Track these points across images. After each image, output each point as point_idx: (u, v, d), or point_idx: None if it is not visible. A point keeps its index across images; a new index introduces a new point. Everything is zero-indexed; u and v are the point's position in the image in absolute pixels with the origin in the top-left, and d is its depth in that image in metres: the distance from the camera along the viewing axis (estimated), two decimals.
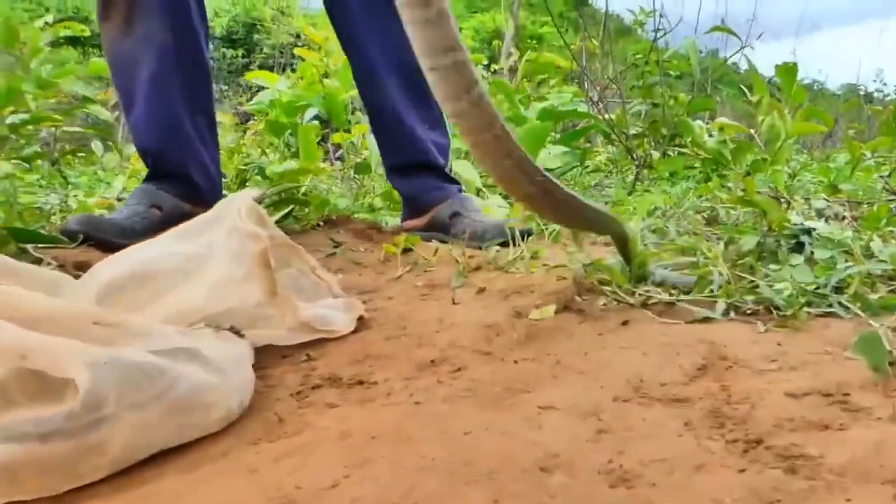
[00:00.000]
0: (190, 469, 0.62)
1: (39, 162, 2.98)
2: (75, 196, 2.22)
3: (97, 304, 0.86)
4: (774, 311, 0.89)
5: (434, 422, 0.67)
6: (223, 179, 2.28)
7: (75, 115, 3.29)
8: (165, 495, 0.57)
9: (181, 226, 1.04)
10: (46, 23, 3.15)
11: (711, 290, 0.96)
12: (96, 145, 3.68)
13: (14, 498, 0.57)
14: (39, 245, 1.31)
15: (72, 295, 0.88)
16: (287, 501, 0.54)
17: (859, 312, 0.84)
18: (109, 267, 0.94)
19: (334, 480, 0.57)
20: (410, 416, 0.69)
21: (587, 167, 3.40)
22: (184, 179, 1.56)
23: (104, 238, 1.34)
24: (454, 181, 1.77)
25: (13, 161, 2.90)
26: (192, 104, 1.55)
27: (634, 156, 2.99)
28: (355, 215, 2.03)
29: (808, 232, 1.17)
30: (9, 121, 2.61)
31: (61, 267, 1.21)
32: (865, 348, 0.64)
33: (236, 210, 1.02)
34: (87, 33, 3.14)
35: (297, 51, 2.85)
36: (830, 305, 0.88)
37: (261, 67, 8.47)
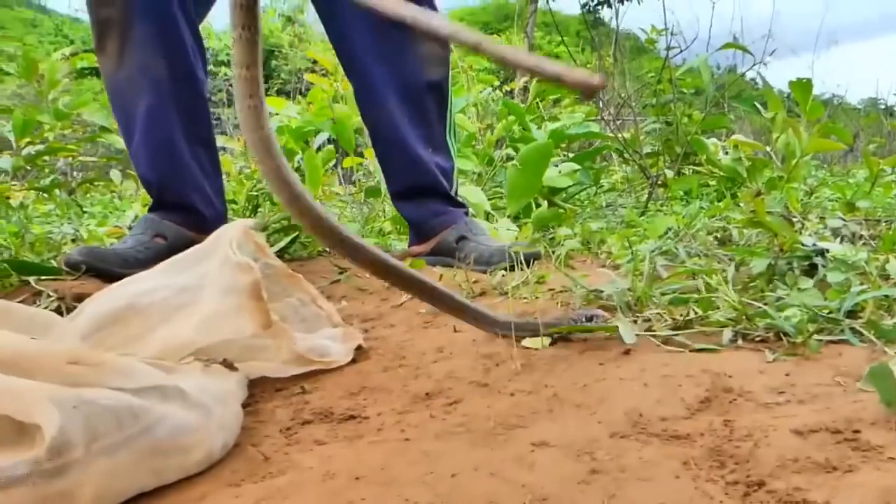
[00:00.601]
0: None
1: (57, 192, 3.02)
2: (87, 226, 2.23)
3: (84, 340, 0.85)
4: (784, 339, 0.85)
5: (422, 461, 0.64)
6: (235, 205, 2.28)
7: (97, 143, 3.34)
8: None
9: (174, 257, 1.02)
10: (64, 55, 3.20)
11: (718, 318, 0.92)
12: (115, 174, 3.73)
13: None
14: (42, 277, 1.31)
15: (61, 334, 0.86)
16: None
17: (874, 339, 0.80)
18: (99, 302, 0.93)
19: None
20: (398, 454, 0.66)
21: (602, 186, 3.36)
22: (187, 209, 1.56)
23: (106, 268, 1.33)
24: (460, 204, 1.75)
25: (31, 191, 2.94)
26: (191, 135, 1.55)
27: (648, 174, 2.95)
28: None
29: (822, 253, 1.13)
30: (25, 152, 2.65)
31: (61, 299, 1.21)
32: (877, 381, 0.60)
33: (228, 241, 1.01)
34: None
35: (307, 77, 2.87)
36: (843, 331, 0.84)
37: (278, 93, 8.56)
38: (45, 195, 2.95)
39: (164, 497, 0.63)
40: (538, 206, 2.27)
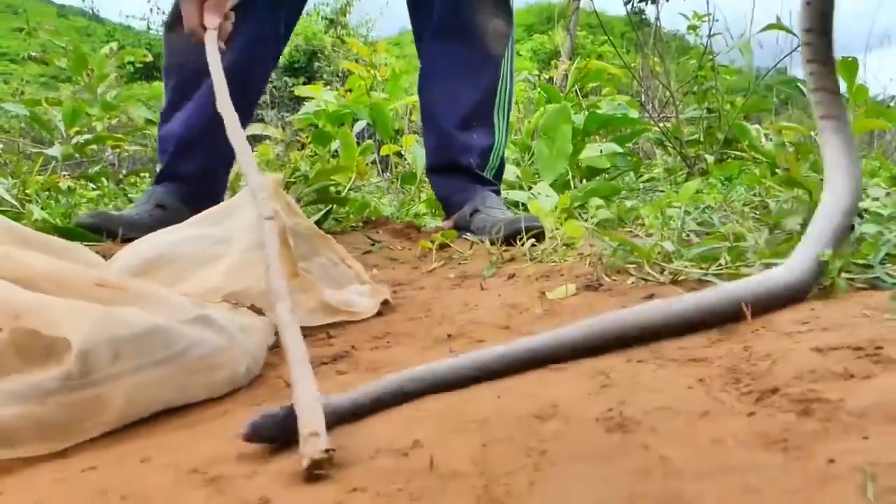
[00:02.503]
0: (187, 426, 0.62)
1: (104, 180, 3.12)
2: None
3: None
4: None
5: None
6: None
7: (147, 137, 3.45)
8: (158, 449, 0.56)
9: (208, 210, 1.05)
10: (112, 49, 3.31)
11: (747, 270, 0.91)
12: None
13: (15, 456, 0.58)
14: (85, 243, 1.36)
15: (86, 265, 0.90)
16: (269, 448, 0.52)
17: None
18: (134, 251, 0.97)
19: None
20: None
21: (641, 175, 3.32)
22: (191, 185, 1.61)
23: (114, 230, 1.41)
24: (490, 182, 1.75)
25: (80, 180, 3.04)
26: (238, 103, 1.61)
27: (688, 161, 2.90)
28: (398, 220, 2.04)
29: (860, 214, 1.10)
30: (74, 140, 2.74)
31: (104, 257, 1.25)
32: None
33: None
34: (149, 58, 3.29)
35: (344, 64, 2.91)
36: (877, 278, 0.82)
37: None
38: (93, 184, 3.05)
39: (190, 413, 0.65)
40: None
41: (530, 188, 2.08)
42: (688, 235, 1.25)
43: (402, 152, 2.94)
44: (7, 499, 0.50)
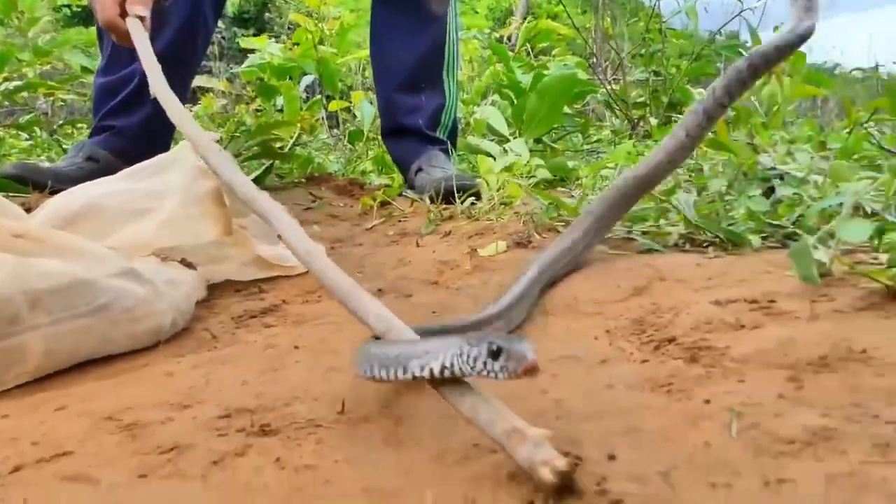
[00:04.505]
0: (109, 376, 0.62)
1: (37, 130, 3.00)
2: None
3: None
4: (729, 244, 0.87)
5: (362, 336, 0.66)
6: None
7: (84, 85, 3.31)
8: (75, 398, 0.57)
9: (139, 164, 1.03)
10: None
11: (670, 230, 0.94)
12: None
13: None
14: (9, 193, 1.32)
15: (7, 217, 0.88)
16: (189, 396, 0.53)
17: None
18: (61, 200, 0.95)
19: (245, 380, 0.56)
20: (339, 331, 0.69)
21: (589, 137, 3.36)
22: (129, 140, 1.56)
23: (40, 181, 1.37)
24: (439, 141, 1.76)
25: (9, 129, 2.92)
26: (179, 78, 1.58)
27: (633, 123, 2.95)
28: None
29: (782, 177, 1.14)
30: (2, 87, 2.62)
31: (28, 210, 1.22)
32: (796, 258, 0.62)
33: (192, 149, 1.02)
34: (86, 2, 3.15)
35: (292, 16, 2.83)
36: (788, 237, 0.86)
37: None
38: (26, 134, 2.93)
39: (112, 364, 0.66)
40: None
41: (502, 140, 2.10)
42: None
43: (352, 108, 2.90)
44: None
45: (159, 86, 1.01)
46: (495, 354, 0.38)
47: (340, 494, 0.37)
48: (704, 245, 0.89)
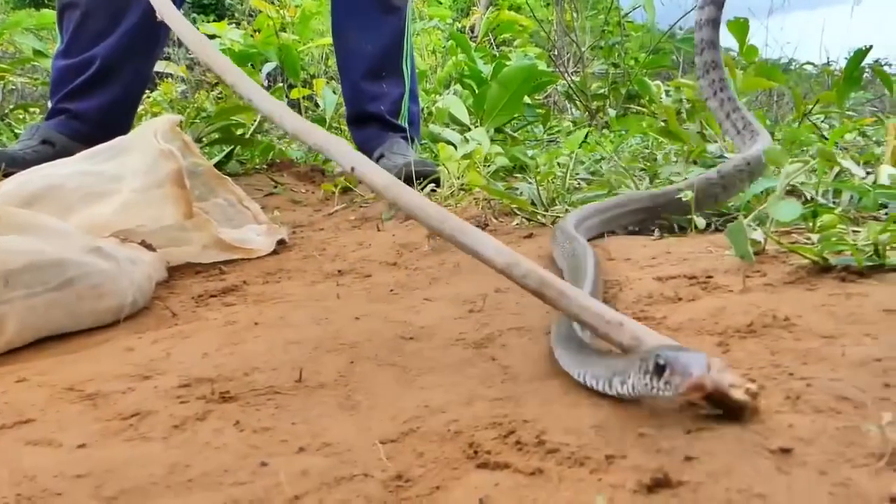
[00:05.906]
0: (69, 352, 0.63)
1: None
2: None
3: None
4: (678, 228, 0.91)
5: (320, 313, 0.68)
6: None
7: (37, 69, 3.22)
8: (36, 370, 0.58)
9: (98, 146, 1.03)
10: None
11: None
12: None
13: None
14: None
15: None
16: (150, 368, 0.55)
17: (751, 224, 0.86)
18: (18, 181, 0.94)
19: (205, 353, 0.58)
20: (299, 308, 0.71)
21: (550, 128, 3.41)
22: (88, 124, 1.54)
23: None
24: (400, 129, 1.78)
25: None
26: (137, 67, 1.56)
27: (592, 114, 3.00)
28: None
29: None
30: None
31: None
32: (732, 237, 0.66)
33: (153, 132, 1.02)
34: None
35: (253, 2, 2.81)
36: (731, 220, 0.90)
37: None
38: None
39: (72, 341, 0.66)
40: None
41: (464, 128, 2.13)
42: (579, 184, 1.32)
43: (314, 96, 2.89)
44: None
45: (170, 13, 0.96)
46: (660, 370, 0.36)
47: (296, 451, 0.39)
48: (652, 229, 0.93)
